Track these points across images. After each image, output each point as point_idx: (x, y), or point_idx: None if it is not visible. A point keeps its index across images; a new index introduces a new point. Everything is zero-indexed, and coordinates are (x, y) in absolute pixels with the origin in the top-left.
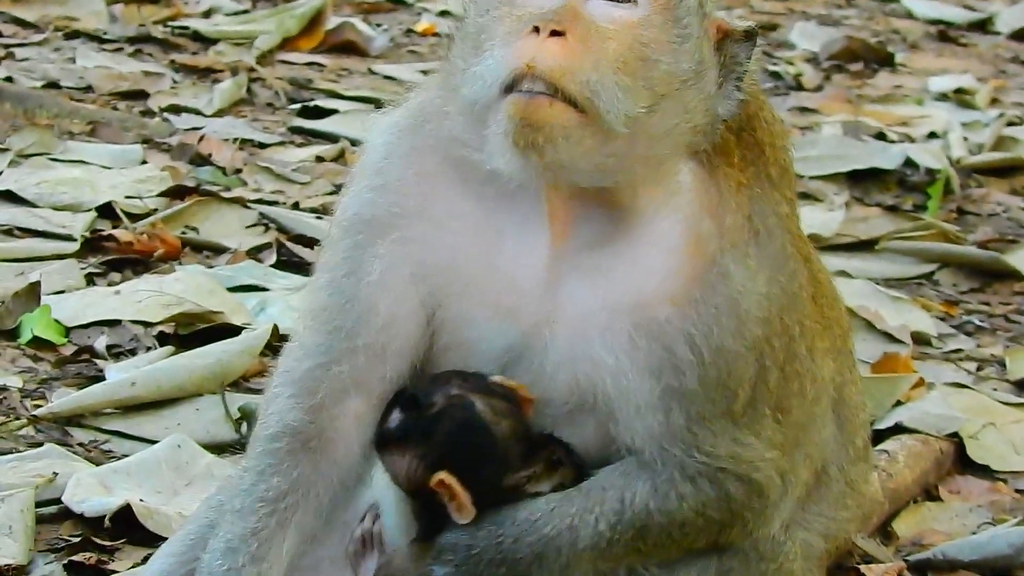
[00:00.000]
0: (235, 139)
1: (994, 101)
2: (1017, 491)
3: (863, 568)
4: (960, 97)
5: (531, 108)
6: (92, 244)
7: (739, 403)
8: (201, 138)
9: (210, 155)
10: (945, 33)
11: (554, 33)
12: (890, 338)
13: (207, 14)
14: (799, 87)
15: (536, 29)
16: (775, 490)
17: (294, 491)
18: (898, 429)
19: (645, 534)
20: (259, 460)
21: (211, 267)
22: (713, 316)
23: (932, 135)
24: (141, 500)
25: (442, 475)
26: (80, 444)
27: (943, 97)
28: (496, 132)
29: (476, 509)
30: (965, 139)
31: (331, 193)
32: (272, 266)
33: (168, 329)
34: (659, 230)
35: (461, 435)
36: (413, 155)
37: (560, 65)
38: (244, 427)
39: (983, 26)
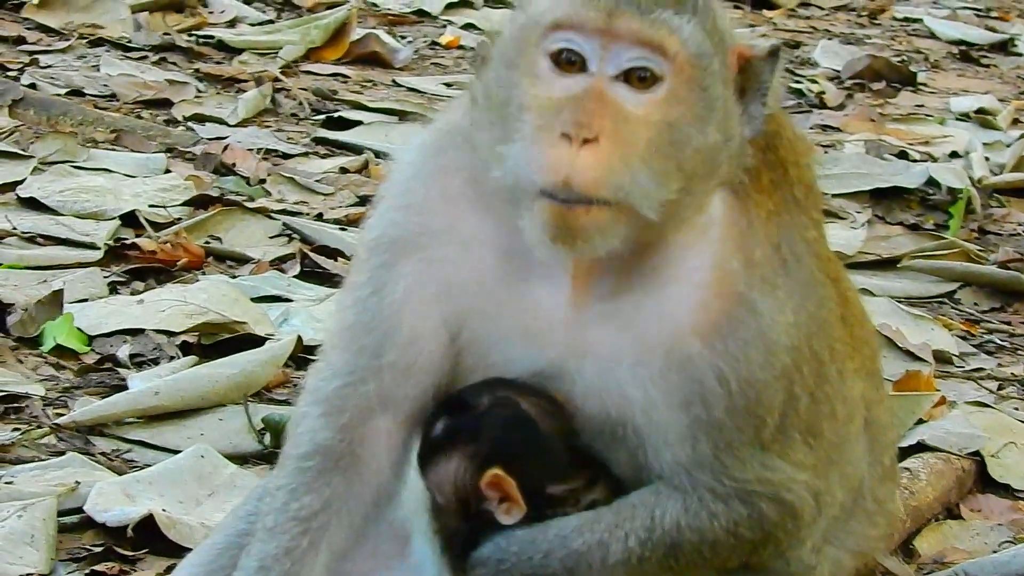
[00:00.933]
0: (259, 149)
1: (1015, 122)
2: None
3: None
4: (982, 117)
5: (567, 217)
6: (115, 252)
7: (767, 430)
8: (225, 148)
9: (234, 165)
10: (967, 53)
11: (585, 140)
12: (912, 356)
13: (232, 23)
14: (822, 105)
15: (566, 136)
16: (808, 511)
17: (326, 510)
18: (920, 447)
19: (676, 552)
20: (291, 478)
21: (234, 277)
22: (742, 349)
23: (954, 155)
24: (164, 510)
25: (495, 470)
26: (102, 453)
27: (965, 117)
28: (530, 223)
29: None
30: (987, 159)
31: (355, 204)
32: (296, 277)
33: (191, 339)
34: (687, 267)
35: (510, 430)
36: (439, 175)
37: (595, 178)
38: (267, 438)
39: (1005, 47)
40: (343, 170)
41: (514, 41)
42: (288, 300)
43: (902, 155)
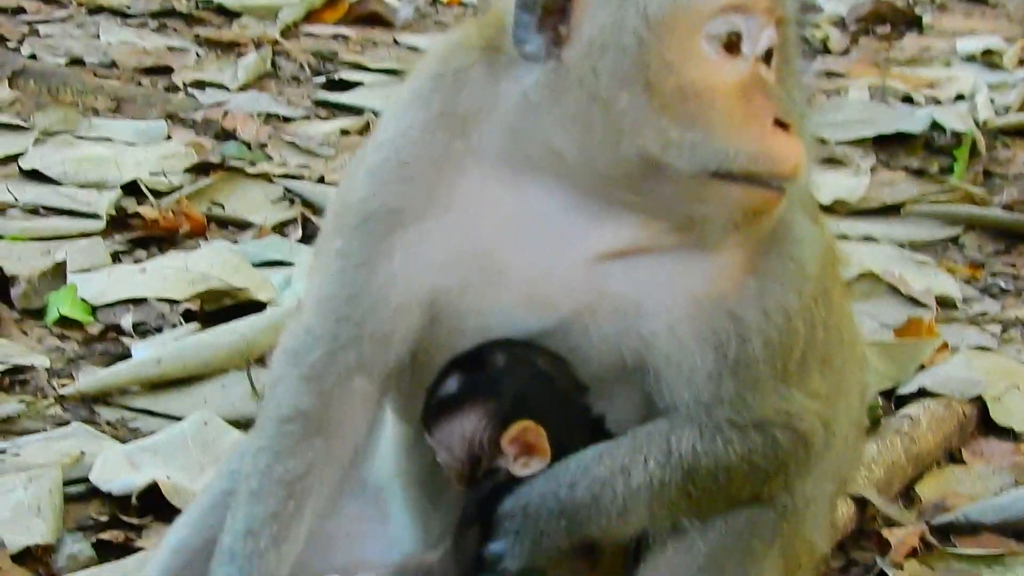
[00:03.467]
0: (260, 113)
1: (1022, 62)
2: None
3: (885, 532)
4: (988, 58)
5: (772, 202)
6: (117, 222)
7: (793, 363)
8: (226, 113)
9: (235, 130)
10: None
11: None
12: (915, 302)
13: None
14: (826, 50)
15: (781, 124)
16: (819, 439)
17: (309, 473)
18: (921, 393)
19: (694, 477)
20: (272, 441)
21: (236, 243)
22: (784, 279)
23: (959, 97)
24: (168, 477)
25: (525, 422)
26: (107, 423)
27: (971, 58)
28: (719, 206)
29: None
30: (992, 101)
31: None
32: (298, 241)
33: (194, 306)
34: None
35: (533, 384)
36: (441, 141)
37: (804, 164)
38: None
39: None
40: (344, 132)
41: (659, 23)
42: (290, 264)
43: (907, 99)
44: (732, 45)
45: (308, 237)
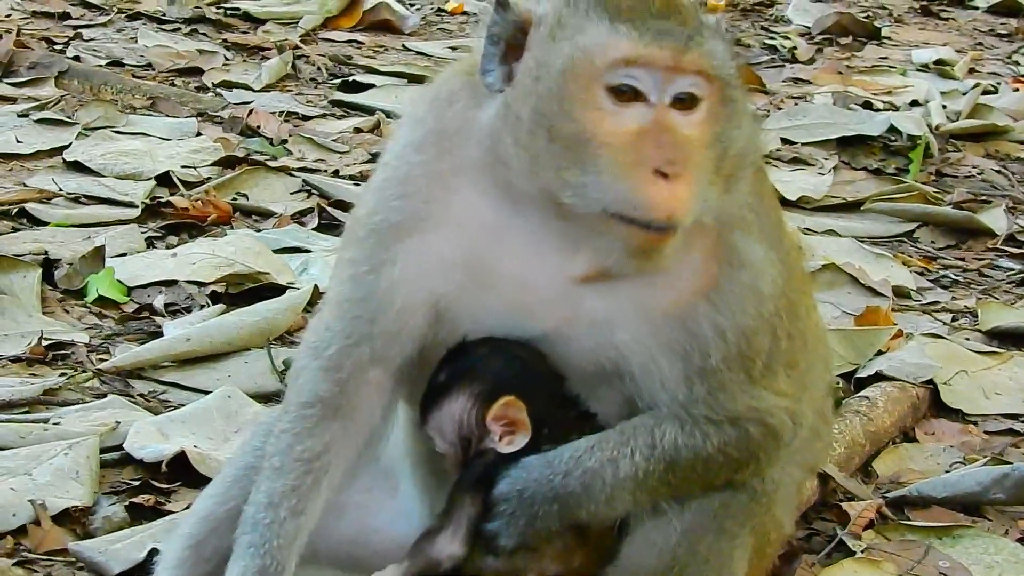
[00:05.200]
0: (281, 112)
1: (971, 71)
2: (986, 432)
3: (845, 505)
4: (940, 68)
5: (655, 241)
6: (152, 210)
7: (756, 369)
8: (250, 111)
9: (258, 127)
10: (928, 8)
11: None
12: (873, 292)
13: None
14: (794, 59)
15: (660, 173)
16: (787, 432)
17: (326, 452)
18: (878, 377)
19: (674, 468)
20: (294, 424)
21: (259, 231)
22: (736, 303)
23: (914, 103)
24: (195, 446)
25: (508, 397)
26: (140, 395)
27: (925, 68)
28: (610, 242)
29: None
30: (944, 107)
31: (368, 161)
32: (314, 229)
33: (220, 288)
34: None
35: (510, 366)
36: (438, 161)
37: (688, 211)
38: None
39: (962, 1)
40: (357, 130)
41: (562, 73)
42: (307, 251)
43: (867, 105)
44: (632, 95)
45: (324, 226)
